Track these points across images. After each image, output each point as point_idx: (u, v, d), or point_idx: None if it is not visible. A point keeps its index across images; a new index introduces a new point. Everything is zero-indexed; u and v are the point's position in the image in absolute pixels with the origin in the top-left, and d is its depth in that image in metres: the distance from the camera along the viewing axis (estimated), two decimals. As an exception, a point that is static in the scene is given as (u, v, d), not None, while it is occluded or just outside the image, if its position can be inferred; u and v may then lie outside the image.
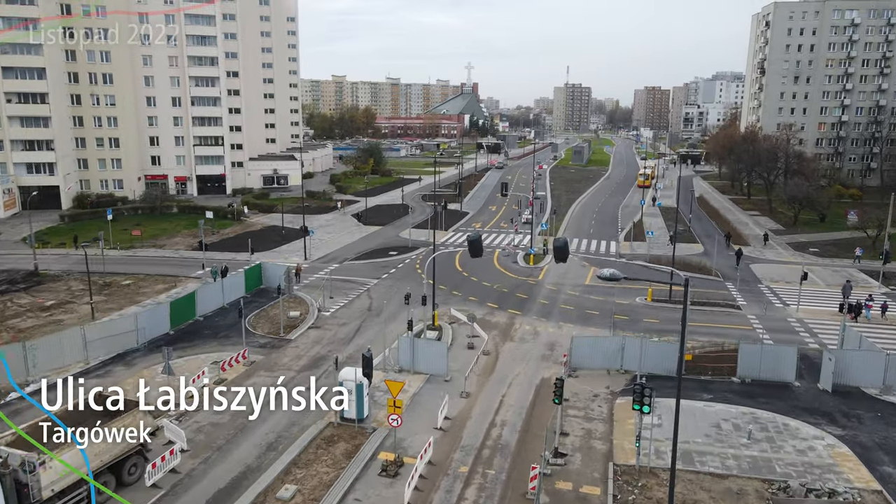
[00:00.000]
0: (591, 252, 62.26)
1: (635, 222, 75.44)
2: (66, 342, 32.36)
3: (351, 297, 45.99)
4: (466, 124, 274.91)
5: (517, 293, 47.38)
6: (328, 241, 65.67)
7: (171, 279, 50.09)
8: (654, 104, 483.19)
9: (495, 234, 70.53)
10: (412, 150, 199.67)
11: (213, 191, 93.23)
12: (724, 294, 47.55)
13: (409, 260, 57.60)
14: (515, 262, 57.02)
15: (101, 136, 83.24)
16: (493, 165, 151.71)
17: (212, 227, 70.50)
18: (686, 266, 55.22)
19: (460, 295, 46.60)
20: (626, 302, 45.24)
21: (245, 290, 45.47)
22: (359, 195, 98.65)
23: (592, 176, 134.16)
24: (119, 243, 60.75)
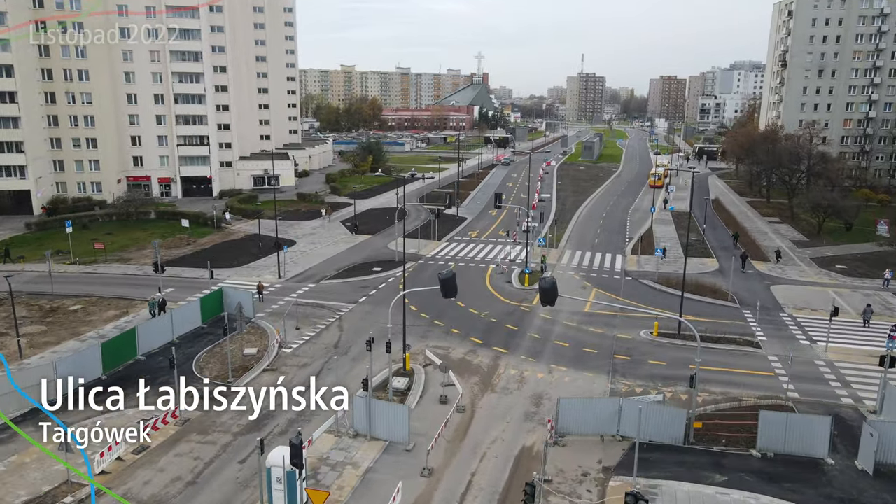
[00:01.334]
0: (594, 268, 56.84)
1: (642, 235, 69.68)
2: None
3: (319, 329, 41.04)
4: (476, 116, 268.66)
5: (507, 323, 42.19)
6: (310, 253, 60.78)
7: (126, 303, 45.42)
8: (670, 94, 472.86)
9: (492, 245, 65.26)
10: (418, 143, 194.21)
11: (200, 193, 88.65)
12: (741, 326, 42.02)
13: (392, 279, 52.52)
14: (509, 282, 51.78)
15: (78, 137, 78.71)
16: (499, 161, 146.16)
17: (188, 235, 66.04)
18: (698, 288, 49.75)
19: (443, 326, 41.51)
20: (629, 336, 39.92)
21: (202, 320, 40.71)
22: (354, 196, 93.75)
23: (602, 174, 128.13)
24: (79, 257, 56.22)
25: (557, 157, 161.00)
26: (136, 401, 23.24)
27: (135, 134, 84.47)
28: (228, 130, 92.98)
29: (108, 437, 24.30)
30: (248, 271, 53.82)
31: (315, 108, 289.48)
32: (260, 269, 54.59)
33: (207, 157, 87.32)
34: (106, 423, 27.68)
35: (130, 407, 27.97)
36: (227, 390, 28.66)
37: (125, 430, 25.79)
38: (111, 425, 26.15)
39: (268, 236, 66.87)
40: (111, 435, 25.09)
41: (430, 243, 65.38)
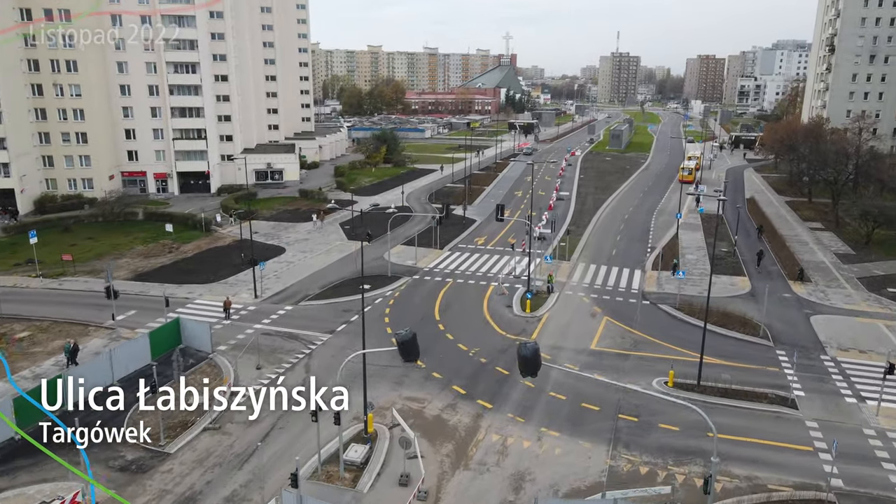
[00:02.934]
0: (608, 287, 50.74)
1: (666, 245, 63.00)
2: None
3: (283, 368, 36.09)
4: (502, 99, 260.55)
5: (498, 365, 36.65)
6: (298, 264, 55.84)
7: (80, 329, 41.08)
8: (708, 74, 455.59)
9: (498, 256, 59.46)
10: (439, 129, 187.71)
11: (198, 189, 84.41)
12: (774, 375, 35.75)
13: (380, 300, 47.27)
14: (510, 307, 46.06)
15: (67, 131, 74.77)
16: (520, 150, 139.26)
17: (172, 240, 61.74)
18: (725, 318, 43.47)
19: (424, 368, 36.15)
20: (639, 388, 34.03)
21: (151, 356, 36.03)
22: (360, 193, 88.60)
23: (630, 166, 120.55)
24: (47, 268, 52.16)
25: (583, 146, 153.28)
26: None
27: (129, 127, 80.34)
28: (229, 122, 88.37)
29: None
30: (225, 288, 49.08)
31: (339, 91, 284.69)
32: (239, 285, 49.84)
33: (205, 151, 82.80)
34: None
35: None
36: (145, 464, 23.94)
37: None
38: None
39: (258, 242, 62.35)
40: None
41: (430, 252, 59.89)
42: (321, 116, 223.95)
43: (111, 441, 25.15)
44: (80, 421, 24.63)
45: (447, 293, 48.78)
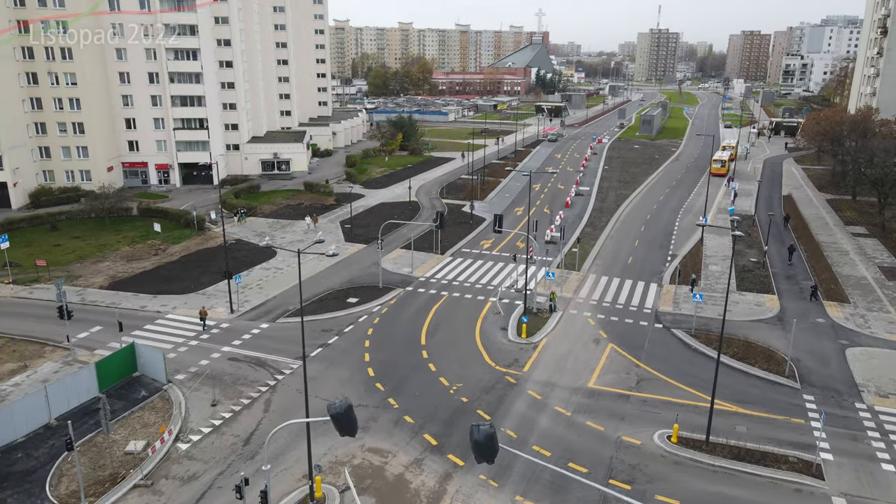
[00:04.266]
0: (618, 305, 45.94)
1: (689, 252, 57.57)
2: None
3: (241, 406, 32.55)
4: (532, 79, 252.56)
5: (479, 407, 32.48)
6: (286, 271, 52.23)
7: (36, 349, 38.25)
8: (752, 51, 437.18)
9: (503, 263, 54.97)
10: (464, 112, 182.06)
11: (201, 180, 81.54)
12: (798, 429, 30.82)
13: (364, 318, 43.38)
14: (505, 329, 41.71)
15: (64, 121, 72.33)
16: (545, 136, 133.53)
17: (160, 240, 58.83)
18: (746, 350, 38.55)
19: (395, 409, 32.22)
20: (638, 442, 29.58)
21: (99, 389, 32.89)
22: (371, 185, 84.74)
23: (659, 155, 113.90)
24: (19, 272, 49.59)
25: (612, 132, 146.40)
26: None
27: (129, 116, 77.58)
28: (234, 110, 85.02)
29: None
30: (202, 300, 45.77)
31: (366, 70, 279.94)
32: (218, 297, 46.47)
33: (207, 142, 79.62)
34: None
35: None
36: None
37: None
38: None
39: (249, 244, 59.11)
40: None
41: (429, 259, 55.73)
42: (346, 97, 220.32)
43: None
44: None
45: (439, 310, 44.65)
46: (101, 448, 28.89)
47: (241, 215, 65.85)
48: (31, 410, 29.71)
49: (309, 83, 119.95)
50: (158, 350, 35.50)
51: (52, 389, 30.56)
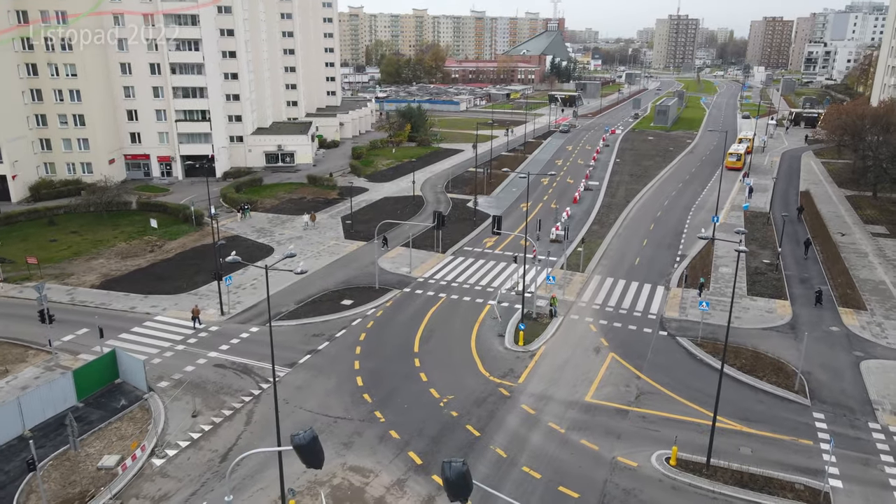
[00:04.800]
0: (622, 309, 44.16)
1: (699, 253, 55.41)
2: None
3: (222, 417, 31.39)
4: (547, 67, 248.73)
5: (470, 423, 31.02)
6: (281, 271, 50.89)
7: (19, 353, 37.41)
8: (773, 38, 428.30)
9: (505, 263, 53.30)
10: (476, 101, 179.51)
11: (203, 173, 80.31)
12: (806, 452, 29.04)
13: (358, 321, 42.03)
14: (502, 335, 40.15)
15: (64, 113, 71.49)
16: (558, 126, 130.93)
17: (156, 236, 57.89)
18: (754, 362, 36.73)
19: (381, 423, 30.87)
20: (634, 464, 28.00)
21: (77, 398, 31.91)
22: (376, 179, 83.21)
23: (673, 147, 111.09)
24: (13, 271, 48.81)
25: (626, 122, 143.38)
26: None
27: (130, 108, 76.60)
28: (238, 102, 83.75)
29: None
30: (194, 300, 44.69)
31: (380, 58, 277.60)
32: (211, 297, 45.34)
33: (209, 133, 78.47)
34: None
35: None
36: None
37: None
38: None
39: (247, 241, 57.93)
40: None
41: (429, 258, 54.22)
42: (358, 85, 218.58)
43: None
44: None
45: (436, 314, 43.18)
46: (74, 462, 27.90)
47: (244, 211, 64.59)
48: (4, 421, 28.74)
49: (317, 72, 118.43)
50: (143, 356, 34.49)
51: (25, 399, 29.59)
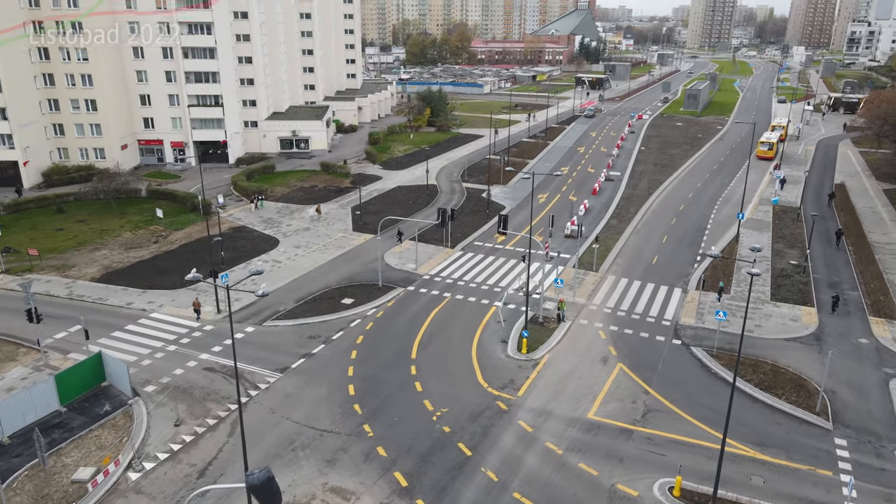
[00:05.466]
0: (635, 313, 41.91)
1: (722, 251, 52.48)
2: None
3: (206, 427, 30.21)
4: (576, 48, 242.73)
5: (462, 440, 29.35)
6: (284, 265, 49.66)
7: (13, 348, 36.74)
8: (815, 16, 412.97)
9: (516, 260, 51.18)
10: (501, 84, 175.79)
11: (216, 159, 79.55)
12: (825, 483, 26.77)
13: (357, 322, 40.51)
14: (505, 342, 38.30)
15: (76, 98, 70.85)
16: (583, 111, 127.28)
17: (163, 225, 57.08)
18: (773, 378, 34.36)
19: (369, 438, 29.39)
20: (635, 493, 26.09)
21: (60, 402, 31.04)
22: (391, 166, 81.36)
23: (702, 134, 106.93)
24: (15, 262, 48.32)
25: (655, 107, 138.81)
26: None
27: (143, 92, 75.72)
28: (252, 86, 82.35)
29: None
30: (194, 295, 43.63)
31: (406, 37, 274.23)
32: (211, 292, 44.24)
33: (221, 119, 77.30)
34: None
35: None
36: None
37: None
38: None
39: (254, 232, 56.75)
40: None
41: (437, 253, 52.42)
42: (383, 66, 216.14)
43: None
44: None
45: (438, 316, 41.46)
46: (49, 474, 27.00)
47: (258, 202, 63.05)
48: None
49: (337, 55, 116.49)
50: (133, 356, 33.57)
51: (5, 405, 28.80)
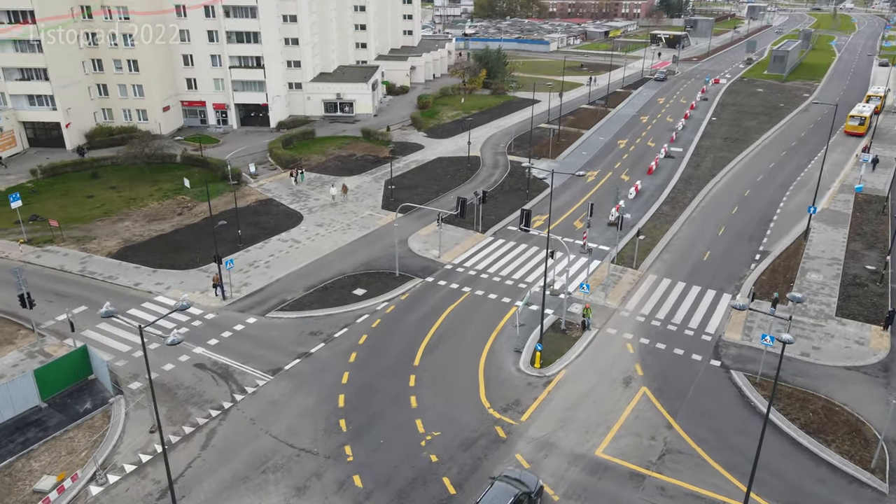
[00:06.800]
0: (672, 323, 37.37)
1: (786, 249, 46.33)
2: None
3: (181, 436, 28.42)
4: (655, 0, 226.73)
5: (449, 473, 26.37)
6: (303, 245, 47.32)
7: (14, 329, 36.18)
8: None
9: (551, 250, 46.81)
10: (570, 41, 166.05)
11: (258, 122, 77.77)
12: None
13: (365, 318, 37.80)
14: (519, 352, 34.76)
15: (119, 58, 69.99)
16: (654, 73, 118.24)
17: (191, 195, 55.77)
18: (825, 417, 29.69)
19: (348, 463, 26.85)
20: (633, 562, 22.56)
21: (41, 397, 29.98)
22: (436, 134, 77.48)
23: (785, 103, 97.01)
24: (36, 232, 48.02)
25: (736, 69, 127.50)
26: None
27: (186, 52, 74.15)
28: (297, 46, 79.45)
29: None
30: (204, 277, 42.02)
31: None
32: (223, 273, 42.54)
33: (263, 81, 75.01)
34: None
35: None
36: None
37: None
38: None
39: (280, 205, 54.62)
40: None
41: (466, 238, 48.82)
42: (449, 19, 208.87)
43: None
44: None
45: (452, 315, 38.23)
46: (15, 479, 25.94)
47: (299, 175, 60.10)
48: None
49: (393, 10, 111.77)
50: (127, 345, 32.54)
51: (-22, 401, 27.87)
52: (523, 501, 23.41)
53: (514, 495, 23.25)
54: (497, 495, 23.29)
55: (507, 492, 23.39)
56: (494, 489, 23.69)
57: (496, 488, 23.71)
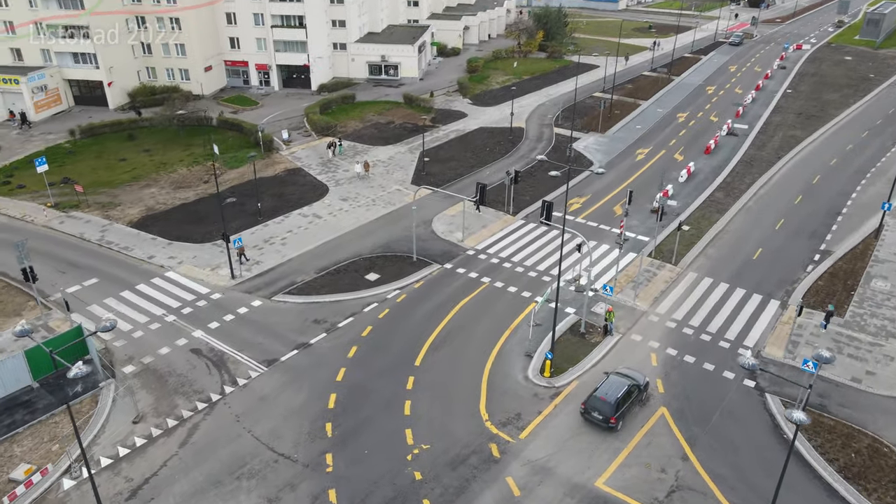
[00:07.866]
0: (707, 332, 33.78)
1: (853, 249, 41.34)
2: None
3: (162, 430, 27.42)
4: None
5: (430, 496, 24.33)
6: (323, 221, 45.50)
7: (24, 300, 36.11)
8: None
9: (580, 241, 43.35)
10: None
11: (300, 84, 75.88)
12: None
13: (373, 307, 35.83)
14: (529, 357, 32.08)
15: (161, 15, 69.03)
16: (728, 36, 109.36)
17: (220, 162, 54.71)
18: (870, 456, 26.10)
19: (327, 474, 25.19)
20: None
21: (32, 377, 29.58)
22: (482, 101, 73.78)
23: (875, 74, 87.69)
24: (63, 195, 47.98)
25: (824, 33, 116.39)
26: None
27: (229, 11, 72.50)
28: (342, 4, 76.54)
29: None
30: (217, 251, 40.94)
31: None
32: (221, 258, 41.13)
33: (305, 42, 72.73)
34: None
35: None
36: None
37: None
38: None
39: (308, 176, 52.90)
40: None
41: (494, 220, 45.88)
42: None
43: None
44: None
45: (465, 308, 35.79)
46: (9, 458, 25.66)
47: (337, 148, 57.53)
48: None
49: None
50: (128, 323, 32.62)
51: (-43, 385, 27.60)
52: (633, 392, 27.77)
53: (627, 385, 27.52)
54: (613, 384, 27.63)
55: (621, 383, 27.68)
56: (610, 381, 27.99)
57: (611, 380, 28.00)
